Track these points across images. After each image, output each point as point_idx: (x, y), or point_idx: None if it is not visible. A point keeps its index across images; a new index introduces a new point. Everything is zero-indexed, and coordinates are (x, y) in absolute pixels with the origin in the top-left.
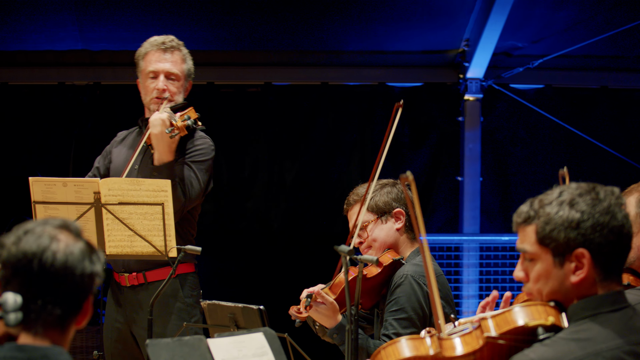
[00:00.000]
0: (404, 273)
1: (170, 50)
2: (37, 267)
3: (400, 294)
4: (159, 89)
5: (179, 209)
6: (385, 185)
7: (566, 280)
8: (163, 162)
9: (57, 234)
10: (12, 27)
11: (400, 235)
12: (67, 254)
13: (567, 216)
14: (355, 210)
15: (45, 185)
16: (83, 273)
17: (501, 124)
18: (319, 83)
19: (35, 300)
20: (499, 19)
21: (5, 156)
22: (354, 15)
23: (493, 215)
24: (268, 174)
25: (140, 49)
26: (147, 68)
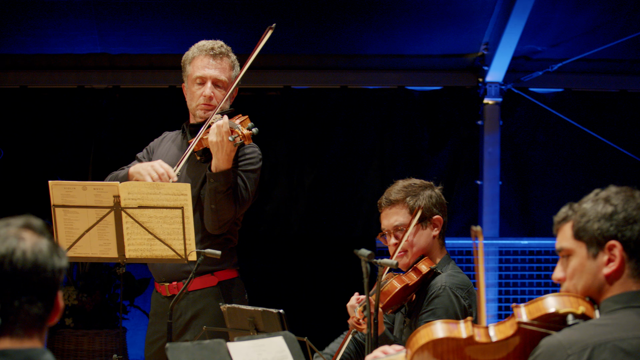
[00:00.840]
0: (442, 284)
1: (219, 57)
2: (9, 269)
3: (439, 305)
4: (205, 96)
5: (230, 217)
6: (425, 187)
7: (599, 273)
8: (221, 170)
9: (22, 233)
10: (31, 30)
11: (435, 242)
12: (37, 252)
13: (601, 209)
14: (395, 211)
15: (64, 189)
16: (53, 269)
17: (520, 127)
18: (338, 87)
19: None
20: (518, 23)
21: (25, 159)
22: (373, 19)
23: (512, 219)
24: (287, 177)
25: (188, 53)
26: (194, 73)
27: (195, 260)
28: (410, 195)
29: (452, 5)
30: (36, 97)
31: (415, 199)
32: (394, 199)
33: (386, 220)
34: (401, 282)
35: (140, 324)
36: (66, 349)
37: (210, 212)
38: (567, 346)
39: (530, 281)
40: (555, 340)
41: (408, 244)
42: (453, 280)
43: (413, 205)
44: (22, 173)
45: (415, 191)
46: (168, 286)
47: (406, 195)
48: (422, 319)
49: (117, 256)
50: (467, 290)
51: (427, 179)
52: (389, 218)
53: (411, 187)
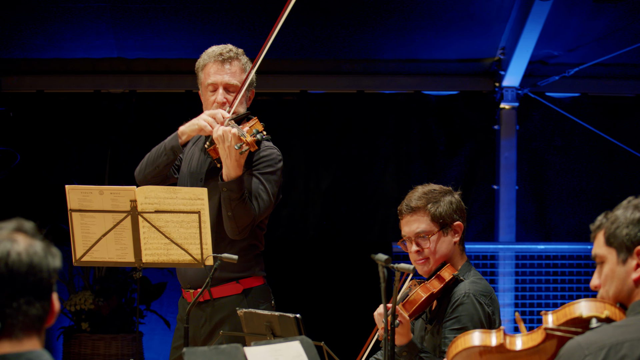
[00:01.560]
0: (465, 291)
1: (229, 61)
2: (5, 271)
3: (463, 312)
4: (218, 102)
5: (249, 223)
6: (445, 193)
7: (628, 278)
8: (231, 178)
9: (14, 236)
10: (48, 35)
11: (456, 248)
12: (31, 254)
13: (630, 215)
14: (417, 218)
15: (81, 193)
16: (49, 269)
17: (537, 132)
18: (354, 91)
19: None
20: (535, 28)
21: (42, 164)
22: (389, 23)
23: (529, 224)
24: (304, 182)
25: (199, 61)
26: (206, 80)
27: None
28: (431, 202)
29: (468, 10)
30: (53, 102)
31: (436, 205)
32: (415, 206)
33: (407, 227)
34: (426, 290)
35: (156, 329)
36: (82, 353)
37: (228, 219)
38: (584, 347)
39: (547, 286)
40: (574, 342)
41: (430, 252)
42: (476, 287)
43: (434, 212)
44: (38, 177)
45: (436, 197)
46: (193, 292)
47: (427, 202)
48: (447, 327)
49: (134, 261)
50: (490, 297)
51: (443, 184)
52: (410, 225)
53: (432, 194)
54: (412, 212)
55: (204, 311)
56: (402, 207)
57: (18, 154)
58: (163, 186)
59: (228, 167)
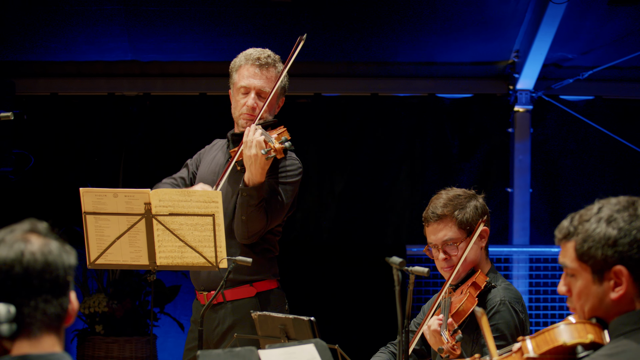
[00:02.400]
0: (501, 299)
1: (265, 67)
2: (22, 271)
3: (500, 320)
4: (248, 106)
5: (260, 229)
6: (470, 198)
7: (606, 297)
8: (254, 184)
9: (28, 236)
10: (62, 37)
11: (482, 253)
12: (46, 253)
13: (604, 233)
14: (444, 225)
15: (95, 196)
16: (64, 266)
17: (551, 135)
18: (368, 94)
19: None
20: (549, 31)
21: (56, 166)
22: (404, 26)
23: (543, 227)
24: (318, 185)
25: (235, 60)
26: (239, 82)
27: (227, 268)
28: (457, 209)
29: (482, 13)
30: (67, 104)
31: (463, 212)
32: (442, 214)
33: (434, 235)
34: (472, 300)
35: (170, 331)
36: (96, 355)
37: (240, 223)
38: None
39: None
40: None
41: (458, 259)
42: (510, 295)
43: (462, 219)
44: (52, 180)
45: (462, 204)
46: (207, 295)
47: (454, 208)
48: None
49: (148, 263)
50: (522, 304)
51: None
52: (436, 233)
53: (457, 199)
54: (439, 220)
55: (217, 313)
56: (427, 214)
57: (32, 156)
58: (177, 189)
59: (252, 173)
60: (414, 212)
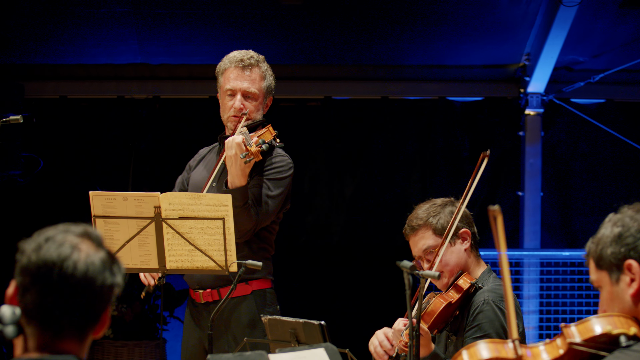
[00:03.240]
0: (484, 299)
1: (249, 68)
2: (57, 277)
3: (484, 320)
4: (236, 108)
5: (249, 228)
6: (445, 204)
7: (626, 295)
8: (235, 186)
9: (79, 243)
10: (71, 40)
11: (469, 256)
12: (88, 264)
13: (610, 233)
14: (421, 235)
15: (105, 200)
16: (103, 284)
17: (562, 138)
18: (379, 97)
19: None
20: (560, 33)
21: (65, 170)
22: (414, 29)
23: (554, 231)
24: (328, 188)
25: (220, 64)
26: (225, 85)
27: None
28: (432, 216)
29: (493, 16)
30: (76, 107)
31: (437, 218)
32: (416, 225)
33: (414, 247)
34: (444, 300)
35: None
36: None
37: None
38: None
39: (572, 293)
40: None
41: (441, 265)
42: (494, 294)
43: (436, 224)
44: (61, 183)
45: (436, 210)
46: (202, 293)
47: (427, 216)
48: (468, 336)
49: (158, 267)
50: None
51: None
52: (416, 244)
53: (432, 208)
54: (415, 231)
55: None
56: (405, 228)
57: (41, 160)
58: (187, 192)
59: (232, 175)
60: None
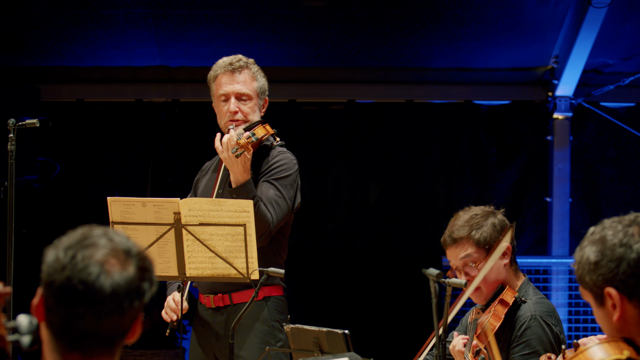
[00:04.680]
0: (531, 314)
1: (239, 70)
2: (83, 301)
3: (532, 336)
4: (231, 112)
5: (266, 230)
6: (487, 215)
7: (612, 318)
8: (239, 183)
9: (105, 261)
10: (88, 42)
11: (508, 270)
12: (114, 287)
13: (586, 259)
14: (462, 247)
15: (123, 206)
16: (130, 306)
17: (591, 143)
18: (403, 101)
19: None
20: (589, 35)
21: (82, 175)
22: (440, 31)
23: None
24: (351, 194)
25: (210, 72)
26: (217, 91)
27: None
28: (474, 229)
29: (520, 17)
30: (93, 111)
31: (480, 231)
32: (458, 236)
33: (453, 259)
34: (497, 319)
35: None
36: None
37: None
38: None
39: None
40: None
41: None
42: (541, 308)
43: (479, 238)
44: (78, 189)
45: (478, 223)
46: (213, 298)
47: (470, 229)
48: (516, 352)
49: (178, 275)
50: (555, 317)
51: (494, 196)
52: (456, 256)
53: (473, 219)
54: (456, 243)
55: (223, 316)
56: (444, 237)
57: (57, 164)
58: (207, 198)
59: (234, 173)
60: None
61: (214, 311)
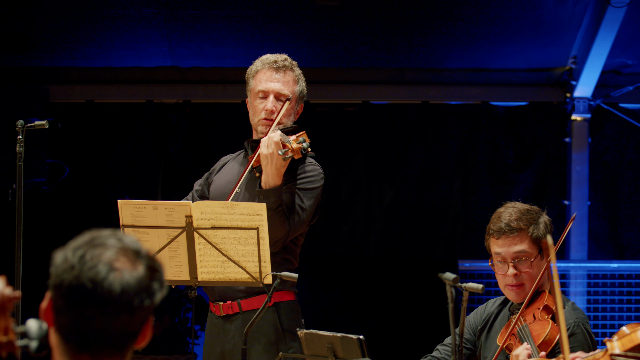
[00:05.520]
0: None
1: (283, 70)
2: (92, 301)
3: (575, 343)
4: (267, 110)
5: (282, 236)
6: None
7: None
8: (270, 186)
9: (114, 260)
10: (98, 42)
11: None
12: (124, 285)
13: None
14: (518, 239)
15: (134, 209)
16: (140, 305)
17: (610, 145)
18: (419, 102)
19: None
20: (608, 36)
21: (91, 177)
22: (456, 31)
23: (601, 241)
24: (365, 196)
25: (251, 67)
26: (256, 87)
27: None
28: (532, 224)
29: (538, 17)
30: (103, 112)
31: (537, 228)
32: (517, 227)
33: (506, 247)
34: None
35: None
36: None
37: None
38: None
39: (620, 306)
40: None
41: (528, 276)
42: (581, 315)
43: (536, 234)
44: (88, 191)
45: (534, 219)
46: (222, 305)
47: (529, 223)
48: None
49: (189, 279)
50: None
51: (511, 199)
52: (510, 246)
53: (530, 214)
54: (514, 233)
55: (232, 324)
56: (500, 225)
57: (67, 166)
58: (220, 201)
59: (268, 174)
60: (467, 226)
61: (223, 319)
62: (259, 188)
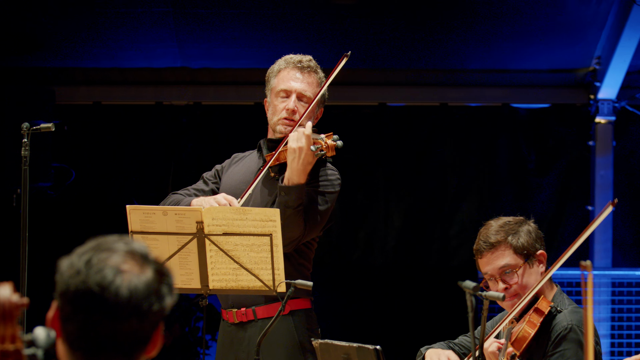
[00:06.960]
0: (568, 324)
1: (307, 71)
2: (99, 306)
3: (568, 346)
4: (289, 109)
5: (297, 237)
6: (521, 223)
7: None
8: (294, 183)
9: (121, 264)
10: (106, 43)
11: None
12: (131, 290)
13: None
14: (500, 253)
15: (143, 214)
16: (149, 309)
17: (635, 148)
18: (437, 104)
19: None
20: (633, 35)
21: (99, 181)
22: (476, 31)
23: (626, 248)
24: (382, 201)
25: (274, 66)
26: (278, 86)
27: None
28: (510, 234)
29: (561, 17)
30: (110, 114)
31: (516, 237)
32: (495, 241)
33: (490, 265)
34: (533, 326)
35: None
36: None
37: None
38: None
39: None
40: None
41: (519, 287)
42: (578, 317)
43: (517, 244)
44: (95, 196)
45: (513, 229)
46: (236, 312)
47: (506, 234)
48: None
49: (200, 287)
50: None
51: (534, 205)
52: (492, 262)
53: (508, 225)
54: (493, 248)
55: (247, 332)
56: (479, 245)
57: (73, 170)
58: (232, 207)
59: (293, 171)
60: None
61: (237, 327)
62: (281, 184)
